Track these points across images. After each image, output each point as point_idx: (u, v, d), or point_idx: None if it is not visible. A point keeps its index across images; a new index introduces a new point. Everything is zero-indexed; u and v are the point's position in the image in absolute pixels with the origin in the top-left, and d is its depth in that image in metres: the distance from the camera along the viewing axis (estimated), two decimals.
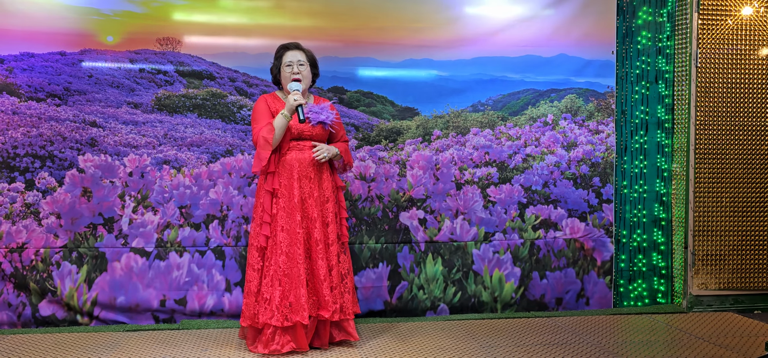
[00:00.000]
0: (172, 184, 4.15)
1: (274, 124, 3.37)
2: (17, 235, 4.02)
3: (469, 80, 4.44)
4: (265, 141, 3.32)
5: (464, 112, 4.47)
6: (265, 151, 3.33)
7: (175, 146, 4.19)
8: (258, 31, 4.21)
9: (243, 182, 4.23)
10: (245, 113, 4.26)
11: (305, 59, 3.54)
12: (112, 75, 4.14)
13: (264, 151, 3.33)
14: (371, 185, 4.34)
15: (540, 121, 4.54)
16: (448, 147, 4.44)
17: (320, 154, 3.41)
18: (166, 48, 4.17)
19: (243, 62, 4.22)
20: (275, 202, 3.42)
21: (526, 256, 4.43)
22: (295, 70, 3.49)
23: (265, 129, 3.34)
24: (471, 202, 4.40)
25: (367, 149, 4.37)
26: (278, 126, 3.38)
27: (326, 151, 3.43)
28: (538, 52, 4.46)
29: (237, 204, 4.19)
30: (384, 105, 4.38)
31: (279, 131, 3.38)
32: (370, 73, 4.34)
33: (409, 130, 4.41)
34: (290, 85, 3.46)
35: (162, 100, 4.19)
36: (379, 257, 4.30)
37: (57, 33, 4.01)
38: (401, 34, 4.33)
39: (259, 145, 3.35)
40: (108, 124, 4.12)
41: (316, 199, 3.43)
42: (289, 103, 3.38)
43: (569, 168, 4.51)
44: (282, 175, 3.42)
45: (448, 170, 4.40)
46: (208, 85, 4.23)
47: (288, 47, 3.56)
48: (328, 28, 4.28)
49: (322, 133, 3.54)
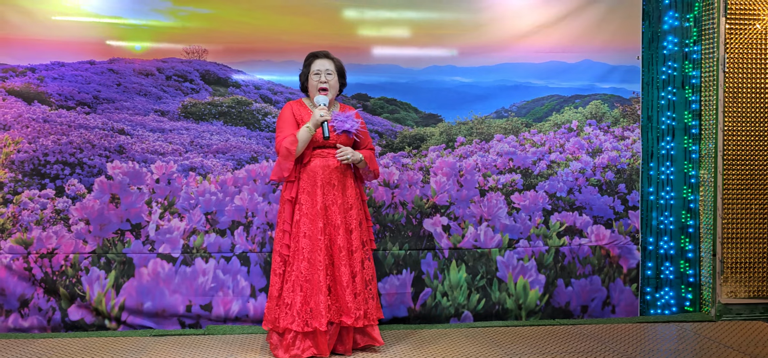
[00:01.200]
0: (198, 190, 4.18)
1: (297, 136, 3.37)
2: (47, 241, 4.07)
3: (493, 87, 4.43)
4: (287, 152, 3.31)
5: (488, 119, 4.46)
6: (287, 161, 3.34)
7: (201, 153, 4.22)
8: (283, 39, 4.24)
9: (268, 188, 4.25)
10: (270, 120, 4.28)
11: (333, 68, 3.56)
12: (140, 83, 4.18)
13: (286, 161, 3.34)
14: (395, 192, 4.33)
15: (564, 127, 4.52)
16: (472, 153, 4.43)
17: (343, 156, 3.40)
18: (192, 57, 4.22)
19: (268, 70, 4.26)
20: (298, 208, 3.44)
21: (550, 263, 4.40)
22: (323, 79, 3.50)
23: (288, 139, 3.33)
24: (495, 208, 4.39)
25: (391, 156, 4.37)
26: (302, 139, 3.38)
27: (350, 154, 3.42)
28: (562, 58, 4.46)
29: (262, 210, 4.21)
30: (408, 112, 4.39)
31: (302, 143, 3.38)
32: (394, 80, 4.34)
33: (433, 136, 4.41)
34: (317, 99, 3.47)
35: (188, 108, 4.24)
36: (403, 264, 4.29)
37: (87, 42, 4.09)
38: (425, 42, 4.35)
39: (281, 154, 3.34)
40: (136, 132, 4.17)
41: (339, 206, 3.44)
42: (315, 118, 3.38)
43: (594, 174, 4.48)
44: (305, 182, 3.44)
45: (471, 177, 4.39)
46: (233, 92, 4.26)
47: (317, 55, 3.58)
48: (353, 35, 4.31)
49: (346, 142, 3.53)
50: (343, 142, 3.52)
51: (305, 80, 3.63)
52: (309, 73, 3.57)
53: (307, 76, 3.61)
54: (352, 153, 3.43)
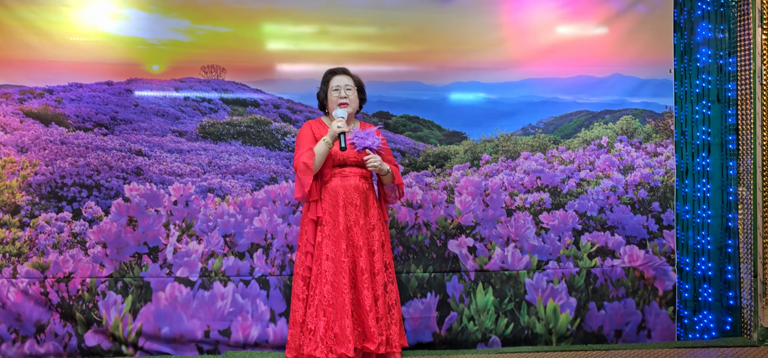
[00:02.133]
0: (216, 212, 4.19)
1: (314, 149, 3.39)
2: (64, 265, 4.09)
3: (519, 102, 4.42)
4: (305, 166, 3.32)
5: (514, 136, 4.45)
6: (306, 176, 3.33)
7: (219, 174, 4.24)
8: (302, 57, 4.28)
9: (287, 209, 4.25)
10: (290, 140, 4.30)
11: (353, 84, 3.58)
12: (157, 104, 4.22)
13: (305, 176, 3.33)
14: (418, 212, 4.32)
15: (594, 144, 4.48)
16: (498, 172, 4.42)
17: (373, 161, 3.41)
18: (210, 76, 4.24)
19: (287, 89, 4.29)
20: (320, 230, 3.44)
21: (582, 285, 4.35)
22: (343, 94, 3.53)
23: (305, 155, 3.34)
24: (523, 229, 4.36)
25: (414, 175, 4.36)
26: (319, 152, 3.39)
27: (378, 162, 3.43)
28: (590, 73, 4.43)
29: (281, 232, 4.22)
30: (430, 129, 4.38)
31: (319, 158, 3.38)
32: (417, 96, 4.34)
33: (457, 155, 4.41)
34: (336, 112, 3.48)
35: (206, 128, 4.26)
36: (427, 287, 4.26)
37: (104, 63, 4.12)
38: (447, 57, 4.34)
39: (299, 170, 3.34)
40: (153, 153, 4.20)
41: (362, 227, 3.44)
42: (332, 130, 3.39)
43: (626, 192, 4.44)
44: (326, 202, 3.44)
45: (498, 196, 4.37)
46: (252, 112, 4.29)
47: (335, 72, 3.60)
48: (373, 52, 4.31)
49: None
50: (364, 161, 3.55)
51: (324, 98, 3.65)
52: (328, 90, 3.59)
53: (325, 94, 3.63)
54: (381, 161, 3.46)
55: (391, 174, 3.48)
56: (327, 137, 3.33)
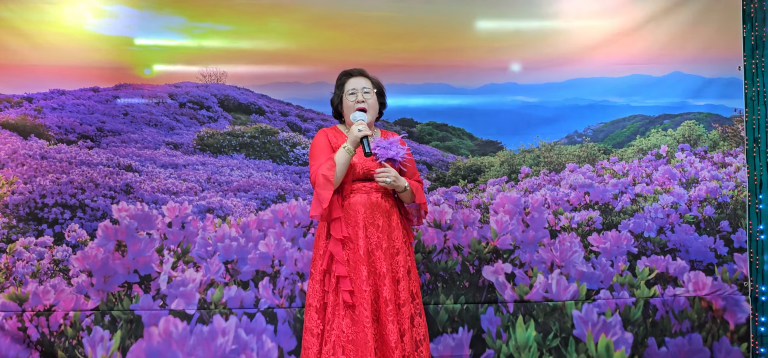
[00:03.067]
0: (216, 235, 4.17)
1: (335, 159, 3.25)
2: (44, 296, 4.06)
3: (563, 107, 4.41)
4: (325, 180, 3.19)
5: (558, 145, 4.44)
6: (325, 191, 3.18)
7: (219, 192, 4.24)
8: (313, 57, 4.25)
9: (297, 232, 4.21)
10: (299, 152, 4.29)
11: (371, 87, 3.41)
12: (149, 112, 4.23)
13: (324, 191, 3.18)
14: (448, 234, 4.28)
15: (651, 153, 4.46)
16: (540, 187, 4.40)
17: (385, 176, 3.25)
18: (209, 80, 4.25)
19: (296, 93, 4.29)
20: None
21: (639, 318, 4.27)
22: (360, 98, 3.35)
23: (324, 166, 3.22)
24: (569, 252, 4.30)
25: (442, 191, 4.34)
26: (340, 161, 3.22)
27: (393, 178, 3.28)
28: (646, 71, 4.39)
29: (291, 258, 4.17)
30: (461, 138, 4.40)
31: (341, 168, 3.22)
32: (444, 101, 4.35)
33: (492, 167, 4.40)
34: (354, 115, 3.31)
35: (205, 139, 4.27)
36: (459, 320, 4.22)
37: (90, 67, 4.11)
38: (479, 56, 4.34)
39: (318, 184, 3.20)
40: (145, 168, 4.20)
41: (385, 250, 3.28)
42: (353, 135, 3.23)
43: (690, 210, 4.40)
44: (345, 222, 3.31)
45: (539, 215, 4.33)
46: (256, 120, 4.31)
47: (351, 74, 3.44)
48: (394, 50, 4.31)
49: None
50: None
51: (338, 103, 3.48)
52: (343, 95, 3.42)
53: (340, 99, 3.46)
54: (396, 176, 3.29)
55: (411, 191, 3.36)
56: (348, 144, 3.22)
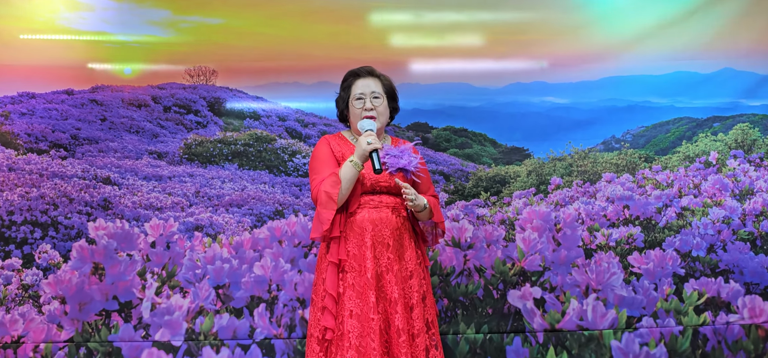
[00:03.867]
0: (205, 256, 4.11)
1: (340, 174, 3.20)
2: (12, 326, 4.02)
3: (598, 108, 4.40)
4: (327, 197, 3.15)
5: (593, 152, 4.42)
6: (327, 210, 3.16)
7: (209, 207, 4.24)
8: (314, 54, 4.27)
9: (298, 252, 4.15)
10: (299, 162, 4.31)
11: (381, 90, 3.37)
12: (130, 117, 4.26)
13: (326, 210, 3.16)
14: (468, 254, 4.21)
15: (699, 161, 4.43)
16: (572, 200, 4.37)
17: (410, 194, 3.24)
18: (197, 80, 4.28)
19: (296, 95, 4.32)
20: (342, 278, 3.25)
21: (687, 350, 4.20)
22: (368, 105, 3.31)
23: (327, 181, 3.18)
24: (606, 274, 4.20)
25: (462, 205, 4.30)
26: (346, 177, 3.19)
27: (415, 197, 3.26)
28: (692, 67, 4.38)
29: (290, 282, 4.11)
30: (483, 145, 4.41)
31: (347, 184, 3.19)
32: (464, 103, 4.36)
33: (518, 178, 4.38)
34: (361, 124, 3.26)
35: (192, 148, 4.29)
36: (482, 353, 4.17)
37: (63, 67, 4.17)
38: (504, 50, 4.34)
39: (320, 202, 3.18)
40: (125, 181, 4.20)
41: (396, 273, 3.22)
42: (361, 148, 3.19)
43: (744, 225, 4.35)
44: (350, 241, 3.25)
45: (572, 232, 4.26)
46: (251, 126, 4.33)
47: (359, 74, 3.38)
48: (406, 46, 4.34)
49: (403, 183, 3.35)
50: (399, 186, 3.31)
51: (344, 107, 3.44)
52: (349, 98, 3.37)
53: (346, 103, 3.41)
54: (416, 194, 3.28)
55: (429, 209, 3.32)
56: (355, 157, 3.15)
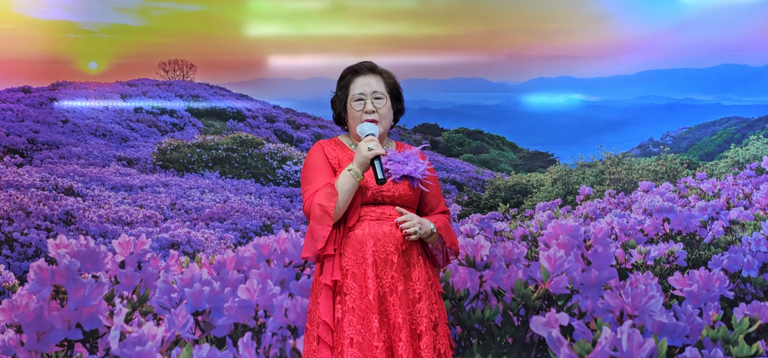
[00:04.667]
0: (182, 278, 4.00)
1: (336, 185, 3.09)
2: None
3: (633, 107, 4.39)
4: (322, 211, 3.05)
5: (628, 157, 4.40)
6: (322, 227, 3.07)
7: (187, 221, 4.25)
8: (307, 45, 4.29)
9: (288, 273, 4.06)
10: (290, 169, 4.34)
11: (384, 89, 3.27)
12: (96, 118, 4.27)
13: (321, 226, 3.07)
14: (484, 275, 4.09)
15: (750, 167, 4.40)
16: (604, 212, 4.33)
17: (411, 226, 3.13)
18: (173, 76, 4.29)
19: (286, 93, 4.34)
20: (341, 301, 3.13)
21: None
22: (369, 106, 3.20)
23: (322, 192, 3.09)
24: (644, 298, 3.98)
25: (477, 219, 4.28)
26: (343, 188, 3.09)
27: (418, 223, 3.15)
28: (743, 59, 4.38)
29: (280, 308, 4.00)
30: (501, 149, 4.42)
31: (345, 196, 3.10)
32: (479, 101, 4.37)
33: (542, 187, 4.37)
34: (361, 128, 3.17)
35: (167, 153, 4.31)
36: None
37: (19, 61, 4.19)
38: (525, 42, 4.35)
39: (313, 216, 3.09)
40: (90, 192, 4.20)
41: (400, 295, 3.10)
42: (361, 155, 3.09)
43: None
44: (349, 259, 3.14)
45: (605, 249, 4.10)
46: (234, 128, 4.35)
47: (358, 71, 3.28)
48: (413, 36, 4.33)
49: (408, 194, 3.20)
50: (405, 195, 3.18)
51: (342, 109, 3.32)
52: (347, 99, 3.28)
53: (344, 104, 3.31)
54: (421, 221, 3.17)
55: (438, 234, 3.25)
56: (354, 166, 3.06)
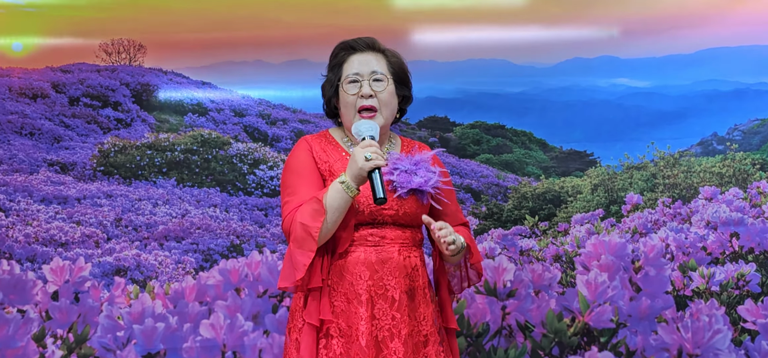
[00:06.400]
0: (131, 312, 4.00)
1: (324, 200, 2.93)
2: None
3: (692, 94, 4.37)
4: (304, 233, 2.89)
5: (685, 156, 4.38)
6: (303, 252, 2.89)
7: (135, 241, 4.25)
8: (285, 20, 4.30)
9: (263, 304, 4.09)
10: (264, 175, 4.35)
11: (386, 70, 3.09)
12: (21, 113, 4.26)
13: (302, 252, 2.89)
14: (508, 305, 4.10)
15: None
16: (657, 225, 4.30)
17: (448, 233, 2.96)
18: (117, 60, 4.28)
19: (260, 79, 4.35)
20: (325, 345, 2.93)
21: None
22: (366, 90, 3.03)
23: (306, 209, 2.92)
24: (707, 333, 4.09)
25: (498, 235, 4.29)
26: (333, 205, 2.92)
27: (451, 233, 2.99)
28: None
29: (252, 348, 4.03)
30: (528, 148, 4.42)
31: (335, 215, 2.94)
32: (500, 88, 4.39)
33: (579, 194, 4.37)
34: (357, 127, 3.01)
35: (111, 156, 4.28)
36: None
37: None
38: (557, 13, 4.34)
39: (294, 238, 2.92)
40: (14, 205, 4.19)
41: (404, 340, 2.92)
42: (356, 165, 2.93)
43: None
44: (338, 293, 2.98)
45: (658, 272, 4.14)
46: (194, 123, 4.34)
47: (354, 47, 3.12)
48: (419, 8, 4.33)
49: (415, 212, 3.04)
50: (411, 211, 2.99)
51: (333, 94, 3.18)
52: (339, 81, 3.12)
53: (336, 88, 3.17)
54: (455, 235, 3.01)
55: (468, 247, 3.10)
56: (347, 178, 2.90)
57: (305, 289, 2.92)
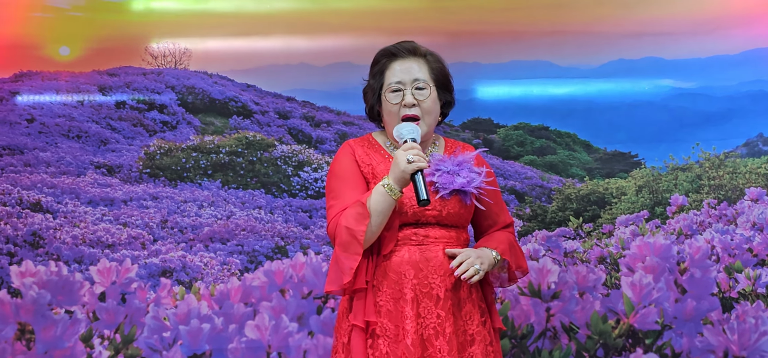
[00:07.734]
0: (177, 313, 4.10)
1: (368, 203, 3.01)
2: None
3: (738, 95, 4.40)
4: (350, 237, 3.01)
5: (731, 157, 4.41)
6: (349, 256, 3.00)
7: (181, 242, 4.32)
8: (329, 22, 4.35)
9: (308, 305, 4.14)
10: (308, 177, 4.39)
11: (428, 76, 3.17)
12: (68, 116, 4.32)
13: (348, 256, 3.00)
14: (552, 307, 4.17)
15: None
16: (702, 227, 4.34)
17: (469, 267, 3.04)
18: (163, 63, 4.34)
19: (304, 83, 4.40)
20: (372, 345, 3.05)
21: None
22: (408, 99, 3.11)
23: (351, 212, 3.04)
24: (754, 335, 4.13)
25: (543, 237, 4.33)
26: (377, 208, 3.02)
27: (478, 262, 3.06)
28: None
29: (297, 349, 4.09)
30: (572, 150, 4.47)
31: (379, 218, 3.04)
32: (544, 90, 4.42)
33: (624, 196, 4.40)
34: (399, 130, 3.08)
35: (157, 159, 4.37)
36: None
37: None
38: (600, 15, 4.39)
39: (340, 242, 3.01)
40: (62, 207, 4.27)
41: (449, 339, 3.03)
42: (398, 168, 3.00)
43: None
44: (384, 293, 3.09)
45: (704, 274, 4.20)
46: (239, 126, 4.42)
47: (395, 53, 3.20)
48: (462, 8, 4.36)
49: (459, 212, 3.14)
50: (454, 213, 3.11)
51: (375, 101, 3.25)
52: (381, 89, 3.21)
53: (378, 94, 3.24)
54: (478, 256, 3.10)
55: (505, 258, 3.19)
56: (390, 180, 2.99)
57: (351, 291, 3.04)
